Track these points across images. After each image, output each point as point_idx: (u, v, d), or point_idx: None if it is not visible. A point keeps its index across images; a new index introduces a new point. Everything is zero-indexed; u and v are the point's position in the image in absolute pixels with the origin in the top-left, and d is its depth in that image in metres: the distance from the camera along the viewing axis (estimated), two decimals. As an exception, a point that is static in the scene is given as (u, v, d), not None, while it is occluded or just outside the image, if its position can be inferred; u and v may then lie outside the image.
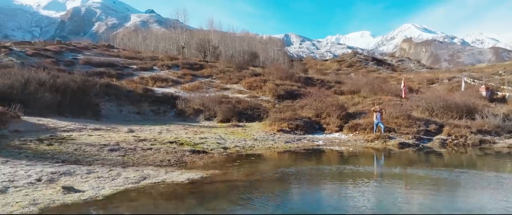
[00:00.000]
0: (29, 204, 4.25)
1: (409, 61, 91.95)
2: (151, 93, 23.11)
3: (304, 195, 6.15)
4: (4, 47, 28.95)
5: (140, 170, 6.57)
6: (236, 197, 5.45)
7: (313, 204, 5.47)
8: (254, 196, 5.48)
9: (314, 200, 5.88)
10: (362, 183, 6.92)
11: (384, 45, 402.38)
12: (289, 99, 23.86)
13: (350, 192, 6.18)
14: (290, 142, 13.62)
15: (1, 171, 5.47)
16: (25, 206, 4.16)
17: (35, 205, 4.21)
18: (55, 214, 3.83)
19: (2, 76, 14.66)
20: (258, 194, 5.64)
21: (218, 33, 60.91)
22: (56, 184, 5.16)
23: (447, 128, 14.81)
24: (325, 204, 5.60)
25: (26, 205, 4.21)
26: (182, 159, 8.52)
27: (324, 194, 6.32)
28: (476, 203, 5.82)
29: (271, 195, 5.69)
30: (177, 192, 5.42)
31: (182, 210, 4.68)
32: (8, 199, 4.41)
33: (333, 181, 7.36)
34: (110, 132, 11.76)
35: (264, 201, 5.27)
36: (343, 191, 6.34)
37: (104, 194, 4.91)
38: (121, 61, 34.85)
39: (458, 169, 8.97)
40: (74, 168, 6.23)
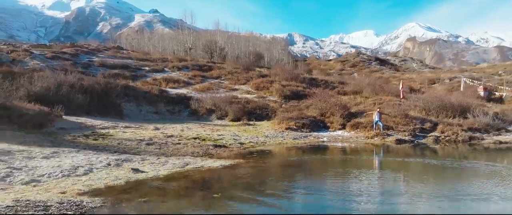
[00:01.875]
0: (115, 178, 5.79)
1: (412, 61, 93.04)
2: (166, 94, 24.70)
3: (312, 173, 7.70)
4: (25, 51, 30.70)
5: (180, 158, 8.13)
6: (261, 175, 7.11)
7: (319, 179, 6.97)
8: (275, 175, 7.06)
9: (320, 177, 7.39)
10: (361, 167, 8.44)
11: (388, 44, 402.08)
12: (295, 99, 25.34)
13: (350, 173, 7.69)
14: (297, 139, 15.15)
15: (79, 158, 7.03)
16: (113, 180, 5.70)
17: (119, 180, 5.75)
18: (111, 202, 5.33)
19: (38, 80, 16.30)
20: (278, 174, 7.22)
21: (224, 34, 62.56)
22: (123, 167, 6.71)
23: (441, 126, 16.28)
24: (329, 181, 7.10)
25: (113, 179, 5.75)
26: (208, 152, 10.07)
27: (329, 174, 7.84)
28: (452, 178, 7.33)
29: (289, 175, 7.25)
30: (216, 173, 7.01)
31: (225, 183, 6.25)
32: (97, 175, 5.95)
33: (336, 167, 8.90)
34: (140, 130, 13.35)
35: (284, 178, 6.85)
36: (344, 171, 7.86)
37: (162, 174, 6.46)
38: (133, 63, 36.47)
39: (443, 158, 10.49)
40: (129, 156, 7.80)
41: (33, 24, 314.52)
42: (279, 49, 67.99)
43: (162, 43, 64.04)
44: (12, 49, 31.76)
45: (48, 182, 5.30)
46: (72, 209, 3.90)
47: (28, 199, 4.16)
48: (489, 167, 9.22)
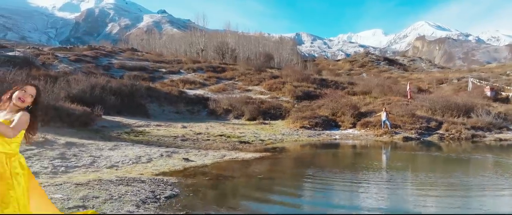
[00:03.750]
0: (173, 165, 7.21)
1: (421, 61, 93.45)
2: (185, 95, 26.22)
3: (331, 162, 9.05)
4: (51, 54, 32.53)
5: (217, 151, 9.55)
6: (288, 163, 8.53)
7: (337, 166, 8.31)
8: (300, 164, 8.47)
9: (339, 164, 8.73)
10: (373, 159, 9.75)
11: (397, 43, 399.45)
12: (307, 100, 26.63)
13: (363, 163, 9.01)
14: (311, 136, 16.48)
15: (136, 150, 8.49)
16: (172, 166, 7.11)
17: (176, 166, 7.17)
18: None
19: (75, 83, 17.90)
20: (303, 163, 8.62)
21: (234, 35, 64.11)
22: (174, 158, 8.12)
23: (445, 125, 17.46)
24: (346, 167, 8.43)
25: (172, 165, 7.17)
26: (236, 147, 11.47)
27: (346, 163, 9.17)
28: (454, 166, 8.62)
29: (313, 163, 8.65)
30: (250, 162, 8.45)
31: (262, 169, 7.67)
32: (158, 163, 7.38)
33: (350, 158, 10.23)
34: (170, 128, 14.83)
35: (307, 165, 8.23)
36: (357, 162, 9.18)
37: (208, 162, 7.86)
38: (150, 65, 38.13)
39: (447, 153, 11.76)
40: (175, 149, 9.23)
41: (44, 25, 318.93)
42: (288, 50, 69.08)
43: (173, 44, 65.78)
44: (38, 52, 33.61)
45: (124, 167, 6.73)
46: (160, 183, 5.29)
47: (125, 176, 5.58)
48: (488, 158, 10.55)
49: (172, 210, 3.82)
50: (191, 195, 4.75)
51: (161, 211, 3.70)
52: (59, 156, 6.85)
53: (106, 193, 4.30)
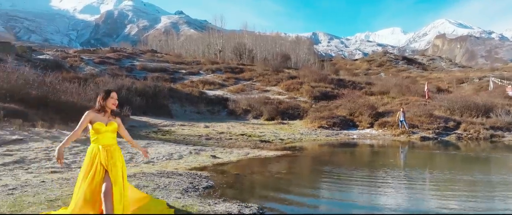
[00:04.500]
0: (202, 161, 7.86)
1: (441, 60, 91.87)
2: (205, 95, 27.03)
3: (351, 159, 9.51)
4: (76, 56, 33.99)
5: (241, 149, 10.16)
6: (308, 160, 9.03)
7: (356, 163, 8.77)
8: (318, 161, 8.95)
9: (357, 162, 9.19)
10: (392, 158, 10.15)
11: (416, 42, 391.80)
12: (324, 100, 26.98)
13: (382, 161, 9.43)
14: (329, 136, 16.90)
15: (167, 148, 9.19)
16: (201, 162, 7.76)
17: (205, 162, 7.81)
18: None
19: (103, 84, 18.90)
20: (320, 160, 9.10)
21: (251, 35, 64.81)
22: (202, 155, 8.78)
23: (464, 125, 17.55)
24: (364, 164, 8.88)
25: (201, 162, 7.81)
26: (257, 145, 12.05)
27: (364, 160, 9.61)
28: (472, 165, 8.95)
29: (329, 161, 9.12)
30: (273, 159, 9.03)
31: (285, 165, 8.24)
32: (188, 159, 8.04)
33: (368, 156, 10.65)
34: (193, 127, 15.55)
35: (326, 163, 8.73)
36: (376, 159, 9.61)
37: (234, 159, 8.47)
38: (171, 66, 39.23)
39: (465, 152, 12.01)
40: (202, 147, 9.90)
41: (65, 27, 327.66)
42: (305, 49, 69.15)
43: (191, 45, 66.99)
44: (65, 55, 35.18)
45: (159, 162, 7.41)
46: (195, 176, 5.92)
47: (163, 170, 6.25)
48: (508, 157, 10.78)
49: (211, 198, 4.42)
50: (225, 186, 5.36)
51: (202, 199, 4.30)
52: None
53: (153, 183, 4.94)
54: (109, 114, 3.29)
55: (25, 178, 4.92)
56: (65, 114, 12.43)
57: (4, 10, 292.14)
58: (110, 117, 3.27)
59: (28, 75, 12.62)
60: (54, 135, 8.44)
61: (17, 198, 3.75)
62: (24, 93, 11.86)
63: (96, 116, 3.24)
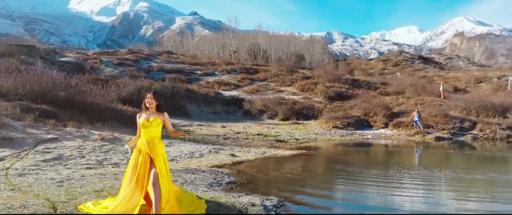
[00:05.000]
0: (222, 159, 8.31)
1: (458, 59, 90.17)
2: (221, 96, 27.54)
3: (362, 159, 9.80)
4: (96, 58, 35.10)
5: (258, 149, 10.58)
6: (323, 159, 9.39)
7: (370, 162, 9.06)
8: (332, 160, 9.30)
9: (371, 160, 9.48)
10: (407, 157, 10.38)
11: (433, 40, 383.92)
12: (339, 100, 27.13)
13: (394, 159, 9.68)
14: (344, 136, 17.14)
15: (188, 147, 9.69)
16: (221, 160, 8.21)
17: (225, 160, 8.25)
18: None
19: (123, 86, 19.62)
20: (334, 159, 9.43)
21: (265, 35, 65.18)
22: (221, 154, 9.23)
23: (480, 125, 17.51)
24: (376, 164, 9.16)
25: (221, 160, 8.26)
26: (273, 145, 12.44)
27: (376, 161, 9.89)
28: (487, 164, 9.13)
29: (344, 160, 9.44)
30: (289, 158, 9.43)
31: (301, 163, 8.61)
32: (209, 157, 8.51)
33: (383, 155, 10.90)
34: (211, 127, 16.05)
35: (340, 162, 9.06)
36: (388, 158, 9.87)
37: (251, 158, 8.89)
38: (186, 67, 39.99)
39: (481, 152, 12.11)
40: (221, 147, 10.36)
41: (83, 29, 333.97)
42: (319, 49, 68.97)
43: (206, 46, 67.77)
44: (86, 57, 36.33)
45: (182, 160, 7.89)
46: (218, 172, 6.36)
47: (187, 167, 6.71)
48: None
49: (234, 192, 4.84)
50: (245, 182, 5.78)
51: (226, 192, 4.72)
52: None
53: (181, 178, 5.40)
54: (152, 111, 3.74)
55: (66, 173, 5.45)
56: (90, 114, 13.09)
57: (25, 13, 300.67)
58: (154, 113, 3.73)
59: (56, 78, 13.33)
60: (84, 134, 9.03)
61: (68, 189, 4.25)
62: (53, 95, 12.56)
63: (141, 114, 3.72)
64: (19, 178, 4.83)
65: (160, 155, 3.60)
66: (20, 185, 4.33)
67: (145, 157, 3.55)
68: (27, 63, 20.45)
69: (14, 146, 7.07)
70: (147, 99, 3.84)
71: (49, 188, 4.24)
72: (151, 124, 3.68)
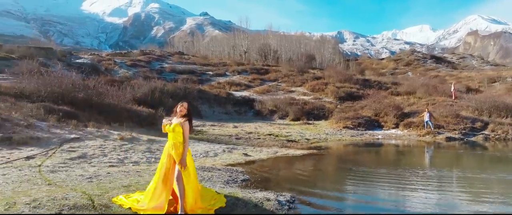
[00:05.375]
0: (235, 159, 8.64)
1: (472, 58, 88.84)
2: (232, 96, 27.92)
3: (372, 159, 10.02)
4: (110, 60, 35.88)
5: (270, 148, 10.89)
6: (333, 159, 9.64)
7: (379, 164, 9.27)
8: (343, 160, 9.54)
9: (379, 163, 9.70)
10: (418, 157, 10.56)
11: (446, 39, 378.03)
12: (350, 100, 27.23)
13: (404, 159, 9.87)
14: (354, 136, 17.30)
15: (202, 147, 10.06)
16: (235, 159, 8.54)
17: (238, 159, 8.59)
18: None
19: (137, 87, 20.15)
20: (345, 159, 9.67)
21: (276, 35, 65.40)
22: (234, 153, 9.56)
23: (491, 125, 17.47)
24: (386, 163, 9.37)
25: (234, 159, 8.59)
26: (285, 145, 12.72)
27: (386, 161, 10.10)
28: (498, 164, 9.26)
29: (354, 160, 9.67)
30: (300, 157, 9.72)
31: (312, 162, 8.90)
32: (223, 157, 8.85)
33: (394, 154, 11.09)
34: (223, 128, 16.42)
35: (350, 161, 9.30)
36: (398, 158, 10.06)
37: (263, 157, 9.20)
38: (198, 68, 40.50)
39: (492, 152, 12.19)
40: (233, 146, 10.70)
41: (95, 30, 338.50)
42: (330, 49, 68.75)
43: (216, 46, 68.30)
44: (100, 58, 37.14)
45: (198, 159, 8.25)
46: (232, 171, 6.70)
47: (203, 165, 7.07)
48: None
49: (249, 188, 5.16)
50: (259, 180, 6.10)
51: (242, 189, 5.04)
52: (147, 149, 8.53)
53: (199, 175, 5.72)
54: (178, 117, 4.10)
55: (92, 170, 5.84)
56: (107, 115, 13.59)
57: (39, 15, 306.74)
58: (178, 119, 4.08)
59: (75, 80, 13.86)
60: (104, 134, 9.47)
61: (98, 184, 4.64)
62: (72, 96, 13.09)
63: (170, 119, 4.08)
64: (52, 174, 5.23)
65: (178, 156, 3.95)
66: (54, 181, 4.73)
67: (171, 158, 3.91)
68: (45, 65, 21.19)
69: (41, 145, 7.53)
70: (179, 107, 4.19)
71: (81, 183, 4.63)
72: (173, 129, 4.05)
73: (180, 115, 4.14)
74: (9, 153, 6.65)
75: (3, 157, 6.31)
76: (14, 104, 10.05)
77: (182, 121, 4.11)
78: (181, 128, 4.06)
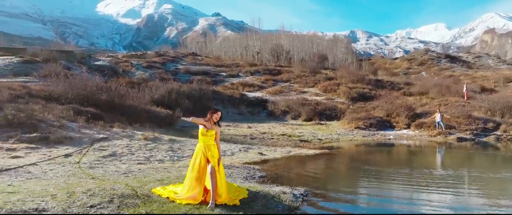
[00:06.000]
0: (251, 157, 9.19)
1: (487, 57, 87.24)
2: (245, 97, 28.52)
3: (383, 159, 10.44)
4: (127, 62, 36.94)
5: (283, 148, 11.42)
6: (345, 158, 10.12)
7: (390, 164, 9.68)
8: (354, 159, 9.99)
9: (390, 162, 10.11)
10: (424, 156, 10.93)
11: (462, 37, 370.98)
12: (362, 101, 27.48)
13: (415, 159, 10.26)
14: (366, 136, 17.66)
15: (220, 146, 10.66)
16: (251, 158, 9.10)
17: (254, 158, 9.12)
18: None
19: (155, 88, 20.94)
20: (356, 158, 10.12)
21: (288, 35, 65.73)
22: (250, 152, 10.12)
23: (503, 126, 17.58)
24: (397, 163, 9.77)
25: (251, 158, 9.15)
26: (297, 144, 13.22)
27: (397, 161, 10.50)
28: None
29: (365, 159, 10.11)
30: (313, 157, 10.22)
31: (325, 161, 9.41)
32: (240, 156, 9.42)
33: (402, 155, 11.48)
34: (237, 128, 17.00)
35: (361, 160, 9.74)
36: (409, 158, 10.45)
37: (278, 156, 9.74)
38: (212, 69, 41.26)
39: (498, 151, 12.44)
40: (249, 146, 11.27)
41: (109, 31, 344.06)
42: (342, 49, 68.54)
43: (229, 47, 69.00)
44: (117, 61, 38.26)
45: (216, 158, 8.87)
46: (249, 168, 7.26)
47: (222, 163, 7.66)
48: None
49: (266, 183, 5.71)
50: (275, 176, 6.65)
51: (260, 184, 5.59)
52: (169, 149, 9.17)
53: (220, 172, 6.32)
54: (212, 124, 4.69)
55: (124, 167, 6.48)
56: (128, 116, 14.33)
57: (56, 17, 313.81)
58: (212, 126, 4.67)
59: (98, 83, 14.65)
60: (128, 134, 10.16)
61: (134, 178, 5.25)
62: (96, 98, 13.87)
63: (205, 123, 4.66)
64: (91, 170, 5.88)
65: (215, 157, 4.58)
66: (96, 175, 5.37)
67: (204, 157, 4.51)
68: (67, 68, 22.18)
69: (74, 144, 8.23)
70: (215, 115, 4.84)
71: (119, 177, 5.25)
72: (208, 134, 4.66)
73: (214, 121, 4.71)
74: (48, 151, 7.36)
75: (44, 155, 7.02)
76: (45, 106, 10.83)
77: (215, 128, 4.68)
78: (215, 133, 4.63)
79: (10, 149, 7.07)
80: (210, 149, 4.63)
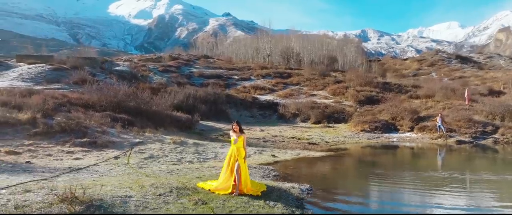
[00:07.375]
0: (266, 159, 10.64)
1: (499, 57, 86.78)
2: (257, 100, 29.98)
3: (386, 160, 11.76)
4: (143, 66, 38.77)
5: (293, 150, 12.83)
6: (349, 159, 11.49)
7: (393, 164, 10.99)
8: (357, 160, 11.37)
9: (393, 163, 11.43)
10: (425, 157, 12.22)
11: (476, 36, 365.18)
12: (369, 104, 28.61)
13: (415, 160, 11.56)
14: (371, 139, 18.94)
15: (237, 148, 12.15)
16: (265, 159, 10.53)
17: (268, 160, 10.55)
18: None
19: (173, 93, 22.57)
20: (359, 160, 11.49)
21: (298, 37, 66.81)
22: (264, 154, 11.56)
23: (502, 129, 18.65)
24: (400, 164, 11.09)
25: (265, 159, 10.59)
26: (306, 147, 14.61)
27: (400, 162, 11.81)
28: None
29: (369, 161, 11.47)
30: (320, 158, 11.63)
31: (332, 162, 10.80)
32: (255, 157, 10.87)
33: (404, 156, 12.79)
34: (251, 131, 18.46)
35: (365, 162, 11.09)
36: (410, 159, 11.75)
37: (288, 158, 11.16)
38: (224, 72, 42.85)
39: (494, 154, 13.65)
40: (262, 149, 12.72)
41: (121, 32, 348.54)
42: (352, 49, 68.93)
43: (240, 49, 70.33)
44: (134, 65, 40.11)
45: (236, 159, 10.35)
46: (264, 169, 8.71)
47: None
48: None
49: (280, 181, 7.15)
50: (286, 175, 8.09)
51: (274, 181, 7.04)
52: (195, 151, 10.68)
53: (242, 172, 7.79)
54: (238, 133, 6.16)
55: (164, 167, 7.99)
56: (154, 121, 15.93)
57: (69, 19, 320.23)
58: (238, 133, 6.14)
59: (127, 90, 16.29)
60: (159, 138, 11.70)
61: (178, 175, 6.74)
62: (125, 105, 15.50)
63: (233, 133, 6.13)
64: (140, 169, 7.41)
65: (241, 157, 6.03)
66: (147, 173, 6.88)
67: (235, 157, 5.99)
68: (92, 74, 23.97)
69: (117, 147, 9.79)
70: (235, 126, 6.25)
71: (166, 175, 6.75)
72: (237, 141, 6.11)
73: (236, 130, 6.18)
74: (99, 153, 8.93)
75: (97, 157, 8.58)
76: (86, 114, 12.47)
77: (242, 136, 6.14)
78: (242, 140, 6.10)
79: (70, 152, 8.65)
80: (239, 151, 6.10)
